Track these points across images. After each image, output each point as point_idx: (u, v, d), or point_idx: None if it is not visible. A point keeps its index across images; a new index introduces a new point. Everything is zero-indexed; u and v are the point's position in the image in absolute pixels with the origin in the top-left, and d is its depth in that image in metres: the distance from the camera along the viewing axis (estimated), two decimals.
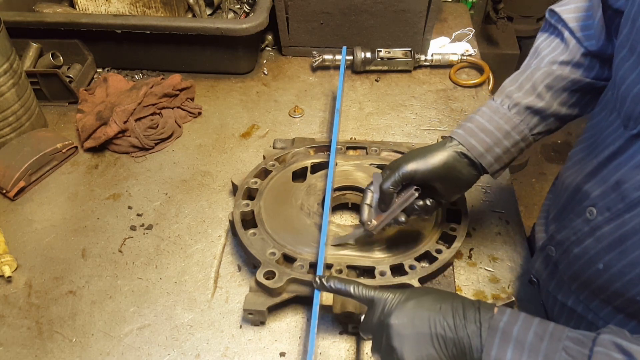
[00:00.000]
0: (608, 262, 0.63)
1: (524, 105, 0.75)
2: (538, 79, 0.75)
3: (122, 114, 1.11)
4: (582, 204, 0.67)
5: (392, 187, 0.76)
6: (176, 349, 0.81)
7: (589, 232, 0.65)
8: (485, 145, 0.75)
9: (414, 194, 0.76)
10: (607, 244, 0.62)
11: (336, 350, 0.80)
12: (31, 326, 0.84)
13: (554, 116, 0.76)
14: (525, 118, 0.75)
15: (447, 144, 0.77)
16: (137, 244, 0.96)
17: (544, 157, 2.69)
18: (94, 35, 1.26)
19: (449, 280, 0.86)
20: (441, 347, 0.58)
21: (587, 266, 0.67)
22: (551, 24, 0.79)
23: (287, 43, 1.38)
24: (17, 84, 1.07)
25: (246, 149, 1.15)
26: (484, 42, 2.13)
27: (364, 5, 1.27)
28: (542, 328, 0.55)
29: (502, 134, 0.75)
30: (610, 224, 0.62)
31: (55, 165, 1.10)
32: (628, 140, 0.60)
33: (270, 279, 0.80)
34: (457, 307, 0.59)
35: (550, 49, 0.77)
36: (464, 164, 0.76)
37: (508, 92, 0.76)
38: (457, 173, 0.76)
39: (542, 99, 0.74)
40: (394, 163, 0.79)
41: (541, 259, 0.79)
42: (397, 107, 1.25)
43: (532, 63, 0.78)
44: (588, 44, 0.74)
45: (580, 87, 0.74)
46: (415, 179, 0.76)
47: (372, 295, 0.66)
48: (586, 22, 0.74)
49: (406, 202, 0.77)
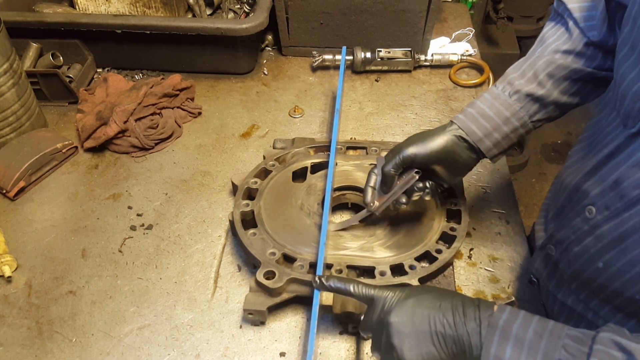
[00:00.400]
0: (608, 261, 0.63)
1: (525, 93, 0.75)
2: (540, 67, 0.75)
3: (122, 114, 1.11)
4: (582, 202, 0.67)
5: (394, 169, 0.79)
6: (176, 349, 0.81)
7: (588, 231, 0.66)
8: (484, 131, 0.77)
9: (414, 176, 0.79)
10: (607, 243, 0.62)
11: (336, 350, 0.80)
12: (31, 326, 0.84)
13: (554, 104, 0.76)
14: (525, 105, 0.76)
15: (447, 128, 0.79)
16: (137, 244, 0.96)
17: (544, 157, 2.69)
18: (94, 35, 1.26)
19: (449, 280, 0.86)
20: (441, 344, 0.58)
21: (586, 265, 0.67)
22: (558, 12, 0.79)
23: (287, 43, 1.38)
24: (17, 84, 1.07)
25: (246, 149, 1.15)
26: (484, 42, 2.13)
27: (364, 5, 1.27)
28: (541, 326, 0.55)
29: (502, 120, 0.76)
30: (610, 223, 0.62)
31: (55, 165, 1.10)
32: (627, 138, 0.60)
33: (270, 279, 0.80)
34: (457, 304, 0.59)
35: (555, 38, 0.78)
36: (462, 147, 0.78)
37: (510, 79, 0.77)
38: (456, 156, 0.78)
39: (543, 86, 0.75)
40: (396, 147, 0.81)
41: (541, 258, 0.79)
42: (397, 107, 1.25)
43: (537, 51, 0.79)
44: (591, 34, 0.74)
45: (582, 77, 0.75)
46: (416, 162, 0.79)
47: (372, 293, 0.66)
48: (590, 13, 0.74)
49: (407, 184, 0.80)
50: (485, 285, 0.88)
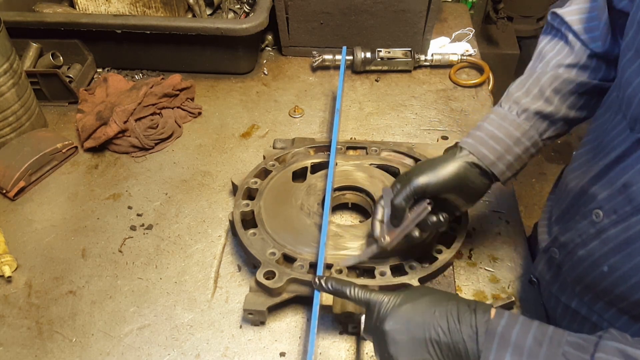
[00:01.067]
0: (613, 265, 0.62)
1: (533, 111, 0.74)
2: (545, 83, 0.74)
3: (122, 114, 1.11)
4: (588, 206, 0.66)
5: (405, 201, 0.74)
6: (176, 349, 0.81)
7: (594, 235, 0.65)
8: (496, 154, 0.74)
9: (427, 207, 0.75)
10: (613, 247, 0.62)
11: (336, 350, 0.80)
12: (31, 326, 0.84)
13: (563, 120, 0.75)
14: (535, 123, 0.74)
15: (457, 154, 0.75)
16: (137, 244, 0.96)
17: (544, 157, 2.69)
18: (94, 35, 1.26)
19: (449, 280, 0.86)
20: (436, 351, 0.57)
21: (591, 268, 0.66)
22: (554, 26, 0.78)
23: (287, 43, 1.38)
24: (17, 84, 1.07)
25: (246, 149, 1.15)
26: (484, 42, 2.13)
27: (364, 5, 1.27)
28: (541, 332, 0.54)
29: (513, 140, 0.74)
30: (617, 227, 0.61)
31: (55, 165, 1.10)
32: (635, 143, 0.59)
33: (270, 279, 0.80)
34: (452, 309, 0.59)
35: (555, 52, 0.76)
36: (475, 173, 0.75)
37: (515, 98, 0.75)
38: (469, 183, 0.75)
39: (551, 103, 0.74)
40: (403, 177, 0.77)
41: (544, 260, 0.78)
42: (397, 107, 1.25)
43: (537, 67, 0.77)
44: (594, 46, 0.73)
45: (588, 90, 0.74)
46: (428, 192, 0.74)
47: (367, 297, 0.65)
48: (591, 24, 0.73)
49: (419, 216, 0.75)
50: (485, 285, 0.88)
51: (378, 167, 0.99)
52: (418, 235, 0.77)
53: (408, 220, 0.76)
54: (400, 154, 1.02)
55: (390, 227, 0.77)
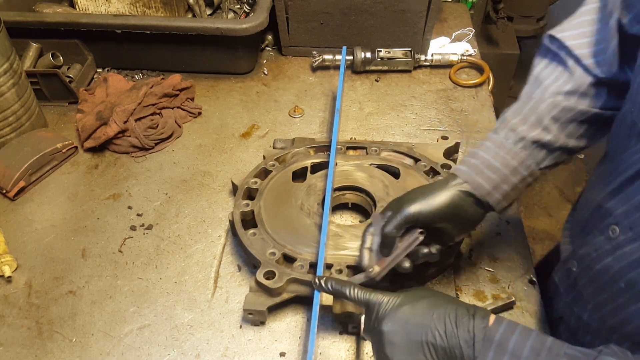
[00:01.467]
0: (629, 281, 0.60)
1: (530, 140, 0.70)
2: (544, 111, 0.70)
3: (122, 114, 1.11)
4: (605, 221, 0.65)
5: (396, 230, 0.71)
6: (176, 349, 0.81)
7: (610, 251, 0.63)
8: (492, 183, 0.70)
9: (419, 237, 0.72)
10: (627, 263, 0.60)
11: (336, 350, 0.80)
12: (31, 326, 0.84)
13: (561, 149, 0.72)
14: (532, 152, 0.71)
15: (451, 182, 0.72)
16: (137, 244, 0.96)
17: None
18: (94, 35, 1.26)
19: (449, 280, 0.86)
20: (432, 354, 0.57)
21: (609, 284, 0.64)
22: (551, 50, 0.74)
23: (287, 43, 1.38)
24: (17, 84, 1.07)
25: (246, 149, 1.15)
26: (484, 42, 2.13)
27: (364, 5, 1.27)
28: (539, 342, 0.54)
29: (509, 170, 0.70)
30: (633, 244, 0.59)
31: (55, 165, 1.10)
32: None
33: (270, 279, 0.80)
34: (450, 313, 0.58)
35: (553, 78, 0.72)
36: (469, 202, 0.72)
37: (512, 126, 0.72)
38: (463, 212, 0.72)
39: (549, 132, 0.70)
40: (394, 204, 0.73)
41: (562, 271, 0.77)
42: (397, 107, 1.25)
43: (535, 93, 0.73)
44: (599, 71, 0.69)
45: (588, 118, 0.70)
46: (420, 220, 0.71)
47: (367, 298, 0.65)
48: (595, 48, 0.70)
49: (410, 246, 0.72)
50: (485, 285, 0.88)
51: (378, 167, 0.99)
52: (408, 266, 0.73)
53: (399, 250, 0.72)
54: (400, 154, 1.02)
55: (380, 256, 0.74)
